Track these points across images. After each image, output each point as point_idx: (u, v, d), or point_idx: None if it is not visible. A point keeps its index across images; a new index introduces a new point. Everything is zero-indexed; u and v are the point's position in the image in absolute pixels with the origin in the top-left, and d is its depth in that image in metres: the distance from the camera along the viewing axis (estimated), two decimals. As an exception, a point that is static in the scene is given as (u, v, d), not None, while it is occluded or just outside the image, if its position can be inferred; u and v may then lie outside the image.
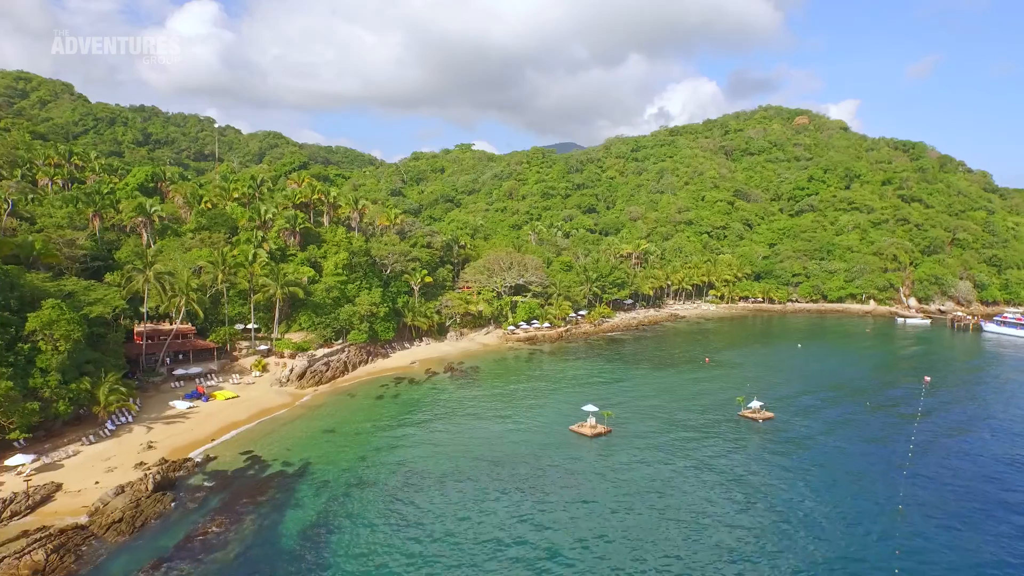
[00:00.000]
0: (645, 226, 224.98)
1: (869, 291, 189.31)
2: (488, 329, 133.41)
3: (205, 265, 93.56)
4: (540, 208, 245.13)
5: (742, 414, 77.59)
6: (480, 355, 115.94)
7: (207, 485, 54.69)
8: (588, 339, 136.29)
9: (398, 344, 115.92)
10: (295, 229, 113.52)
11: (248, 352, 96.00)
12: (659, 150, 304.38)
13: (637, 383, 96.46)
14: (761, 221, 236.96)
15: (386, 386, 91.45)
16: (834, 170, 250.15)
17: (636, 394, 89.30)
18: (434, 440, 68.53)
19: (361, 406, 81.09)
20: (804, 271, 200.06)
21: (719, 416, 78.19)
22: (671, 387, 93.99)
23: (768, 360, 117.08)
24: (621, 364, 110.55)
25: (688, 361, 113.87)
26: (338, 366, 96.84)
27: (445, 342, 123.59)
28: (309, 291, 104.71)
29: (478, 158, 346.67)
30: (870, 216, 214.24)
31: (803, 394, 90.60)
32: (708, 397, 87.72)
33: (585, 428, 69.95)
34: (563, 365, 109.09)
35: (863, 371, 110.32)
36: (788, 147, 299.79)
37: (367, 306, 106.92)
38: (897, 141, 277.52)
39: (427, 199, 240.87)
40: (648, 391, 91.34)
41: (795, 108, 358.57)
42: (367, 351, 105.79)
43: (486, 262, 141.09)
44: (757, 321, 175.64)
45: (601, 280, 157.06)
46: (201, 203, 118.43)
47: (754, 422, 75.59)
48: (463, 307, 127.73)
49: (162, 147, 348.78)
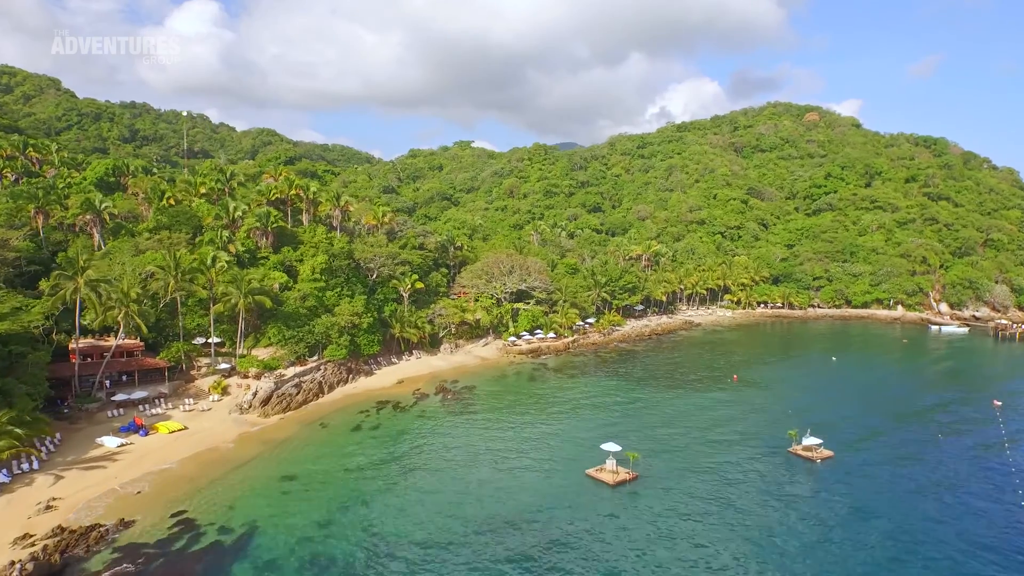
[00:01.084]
0: (655, 226, 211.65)
1: (897, 296, 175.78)
2: (486, 340, 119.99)
3: (155, 270, 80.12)
4: (542, 207, 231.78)
5: (794, 451, 64.11)
6: (477, 371, 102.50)
7: (116, 570, 41.21)
8: (597, 351, 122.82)
9: (384, 359, 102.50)
10: (267, 228, 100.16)
11: (208, 371, 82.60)
12: (666, 146, 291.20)
13: (659, 407, 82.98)
14: (777, 221, 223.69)
15: (366, 413, 77.95)
16: (853, 167, 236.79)
17: (659, 422, 75.82)
18: (418, 490, 55.09)
19: (333, 441, 67.59)
20: (826, 274, 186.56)
21: (765, 452, 64.75)
22: (699, 413, 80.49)
23: (803, 377, 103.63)
24: (638, 382, 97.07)
25: (713, 379, 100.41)
26: (311, 388, 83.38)
27: (438, 355, 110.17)
28: (280, 299, 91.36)
29: (478, 155, 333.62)
30: (895, 215, 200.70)
31: (856, 421, 77.05)
32: (745, 426, 74.21)
33: (605, 473, 56.50)
34: (572, 384, 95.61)
35: (914, 390, 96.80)
36: (800, 143, 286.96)
37: (348, 316, 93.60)
38: (918, 137, 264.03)
39: (422, 197, 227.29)
40: (673, 418, 77.85)
41: (804, 105, 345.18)
42: (347, 368, 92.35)
43: (484, 265, 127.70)
44: (778, 329, 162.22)
45: (611, 285, 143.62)
46: (163, 199, 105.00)
47: (810, 462, 62.13)
48: (459, 316, 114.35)
49: (150, 144, 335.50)
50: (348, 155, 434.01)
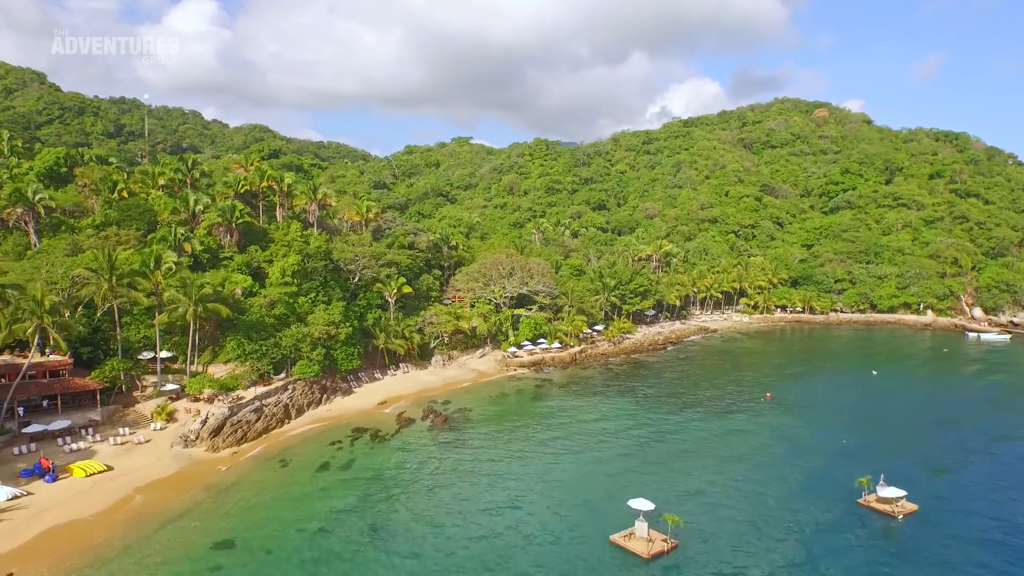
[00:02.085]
0: (664, 224, 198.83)
1: (927, 300, 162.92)
2: (483, 350, 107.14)
3: (86, 274, 67.12)
4: (544, 204, 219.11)
5: (867, 503, 51.16)
6: (472, 389, 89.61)
7: None
8: (607, 363, 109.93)
9: (366, 374, 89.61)
10: (232, 224, 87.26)
11: (152, 393, 69.71)
12: (672, 142, 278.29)
13: (685, 435, 70.12)
14: (793, 219, 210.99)
15: (338, 444, 65.06)
16: (871, 162, 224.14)
17: (688, 456, 62.99)
18: (390, 563, 42.24)
19: (292, 486, 54.69)
20: (848, 276, 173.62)
21: (828, 503, 51.78)
22: (734, 442, 67.66)
23: (845, 396, 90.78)
24: (657, 403, 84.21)
25: (742, 397, 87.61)
26: (275, 412, 70.44)
27: (428, 369, 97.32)
28: (242, 307, 78.44)
29: (476, 152, 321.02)
30: (921, 213, 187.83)
31: (926, 455, 64.11)
32: (795, 464, 61.31)
33: (636, 542, 43.58)
34: (582, 405, 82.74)
35: (984, 413, 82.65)
36: (813, 139, 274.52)
37: (323, 326, 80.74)
38: (938, 132, 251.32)
39: (415, 193, 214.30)
40: (704, 450, 64.99)
41: (813, 101, 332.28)
42: (321, 387, 79.41)
43: (481, 266, 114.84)
44: (800, 336, 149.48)
45: (620, 288, 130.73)
46: (115, 191, 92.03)
47: (890, 518, 49.25)
48: (452, 324, 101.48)
49: (136, 139, 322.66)
50: (344, 152, 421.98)
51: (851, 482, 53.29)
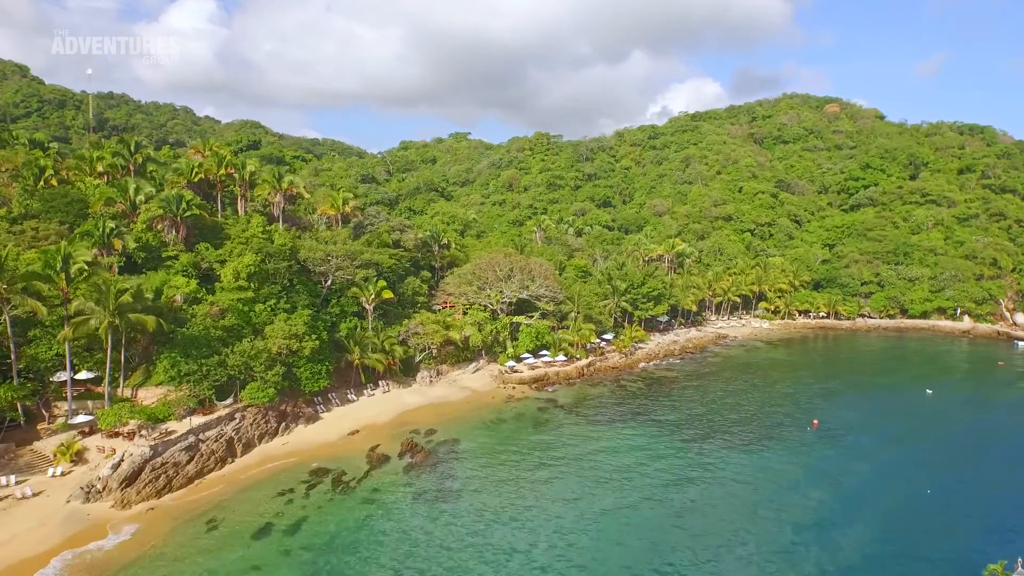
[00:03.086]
0: (674, 222, 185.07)
1: (963, 304, 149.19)
2: (477, 364, 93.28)
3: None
4: (545, 201, 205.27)
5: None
6: (463, 413, 75.67)
7: None
8: (619, 378, 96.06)
9: (338, 395, 75.68)
10: (177, 217, 73.35)
11: (58, 427, 55.84)
12: (680, 136, 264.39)
13: (727, 479, 56.28)
14: (811, 217, 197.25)
15: (289, 494, 51.18)
16: (893, 157, 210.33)
17: (737, 517, 49.13)
18: None
19: (213, 563, 40.83)
20: (876, 278, 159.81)
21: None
22: (785, 493, 53.85)
23: (903, 423, 76.87)
24: (683, 432, 70.35)
25: (783, 425, 73.84)
26: (215, 449, 56.53)
27: (413, 387, 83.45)
28: (183, 317, 64.55)
29: (474, 148, 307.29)
30: (953, 211, 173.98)
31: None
32: (876, 524, 47.45)
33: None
34: (592, 435, 68.82)
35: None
36: (826, 134, 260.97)
37: (282, 340, 66.82)
38: (962, 125, 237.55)
39: (406, 187, 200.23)
40: (754, 507, 51.17)
41: (823, 96, 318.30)
42: (278, 414, 65.48)
43: (476, 268, 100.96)
44: (828, 344, 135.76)
45: (632, 292, 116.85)
46: (41, 179, 78.10)
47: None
48: (441, 334, 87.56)
49: (120, 134, 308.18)
50: (339, 149, 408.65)
51: (967, 564, 39.44)
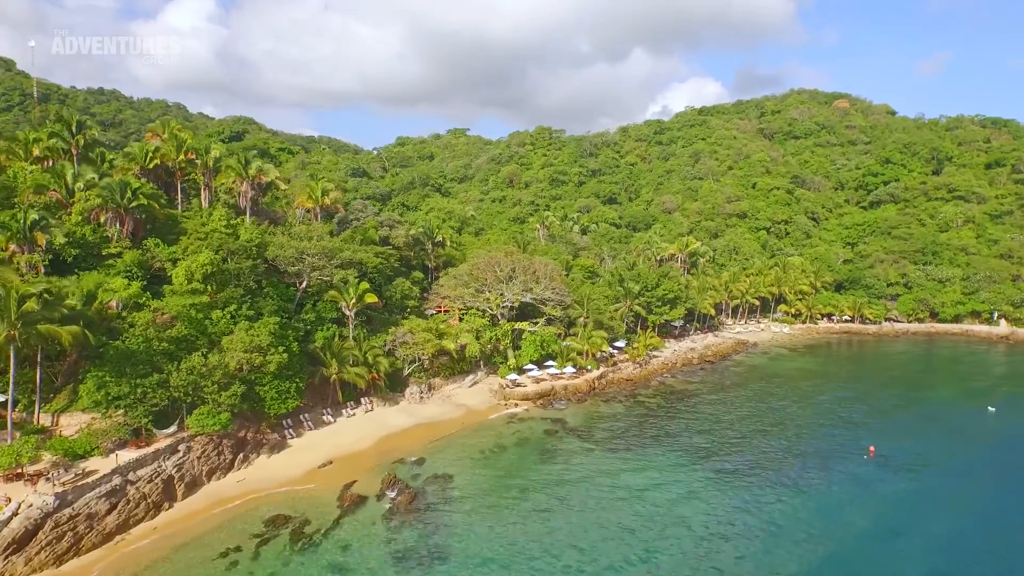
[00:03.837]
0: (685, 219, 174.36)
1: (1000, 307, 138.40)
2: (475, 376, 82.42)
3: None
4: (548, 197, 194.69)
5: None
6: (457, 437, 64.79)
7: None
8: (636, 392, 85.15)
9: (312, 415, 64.78)
10: (121, 208, 62.46)
11: (-46, 463, 44.92)
12: (688, 131, 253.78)
13: (783, 532, 45.41)
14: (829, 214, 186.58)
15: (234, 554, 40.34)
16: (913, 151, 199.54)
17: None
18: None
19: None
20: (902, 279, 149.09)
21: None
22: (866, 551, 43.03)
23: (973, 451, 65.77)
24: (719, 462, 59.45)
25: (831, 450, 63.02)
26: (148, 493, 45.61)
27: (400, 404, 72.55)
28: (118, 328, 53.69)
29: (473, 143, 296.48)
30: (984, 207, 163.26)
31: None
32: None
33: None
34: (612, 466, 57.92)
35: None
36: (839, 129, 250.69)
37: (241, 353, 55.98)
38: (985, 118, 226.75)
39: (399, 183, 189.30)
40: (806, 567, 40.36)
41: (831, 92, 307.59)
42: (235, 443, 54.61)
43: (474, 268, 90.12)
44: (857, 351, 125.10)
45: (646, 294, 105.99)
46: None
47: None
48: (434, 343, 76.63)
49: (107, 129, 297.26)
50: (335, 146, 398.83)
51: None
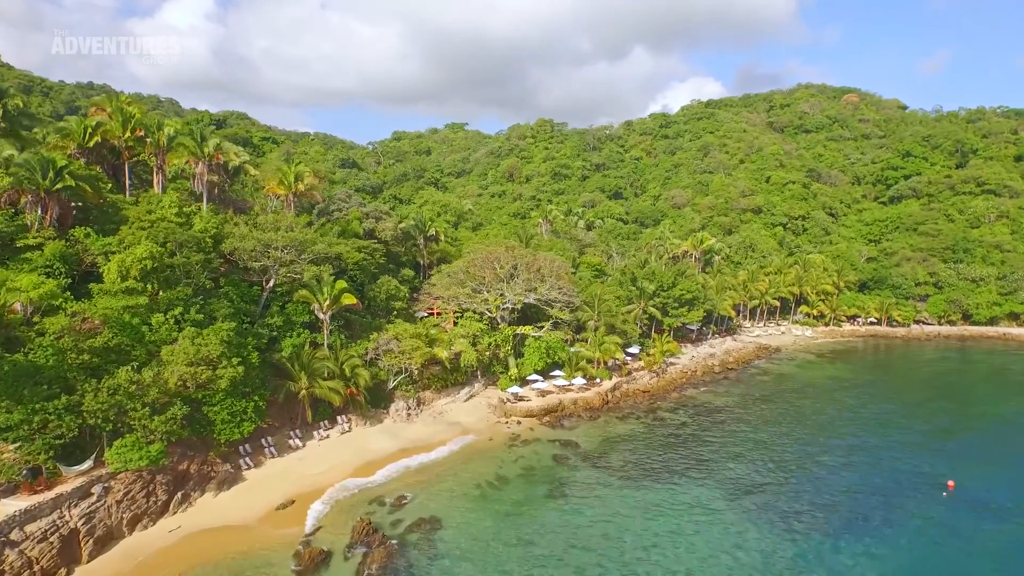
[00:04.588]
0: (697, 215, 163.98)
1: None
2: (471, 388, 71.86)
3: None
4: (550, 192, 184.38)
5: None
6: (449, 465, 54.10)
7: None
8: (655, 407, 74.52)
9: (278, 437, 54.15)
10: (41, 191, 51.80)
11: None
12: (695, 124, 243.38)
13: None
14: (847, 210, 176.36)
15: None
16: (936, 144, 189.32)
17: None
18: None
19: None
20: (931, 279, 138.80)
21: None
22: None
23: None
24: (764, 498, 48.90)
25: (908, 487, 52.48)
26: (34, 558, 34.88)
27: (384, 423, 61.95)
28: (20, 337, 43.03)
29: (471, 138, 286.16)
30: (1017, 201, 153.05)
31: None
32: None
33: None
34: (636, 504, 47.35)
35: None
36: (852, 123, 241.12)
37: (183, 367, 45.38)
38: (1008, 110, 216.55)
39: (392, 174, 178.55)
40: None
41: (840, 87, 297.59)
42: (172, 479, 43.92)
43: (470, 264, 79.46)
44: (889, 357, 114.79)
45: (662, 295, 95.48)
46: None
47: None
48: (423, 351, 65.92)
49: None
50: (330, 142, 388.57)
51: None
